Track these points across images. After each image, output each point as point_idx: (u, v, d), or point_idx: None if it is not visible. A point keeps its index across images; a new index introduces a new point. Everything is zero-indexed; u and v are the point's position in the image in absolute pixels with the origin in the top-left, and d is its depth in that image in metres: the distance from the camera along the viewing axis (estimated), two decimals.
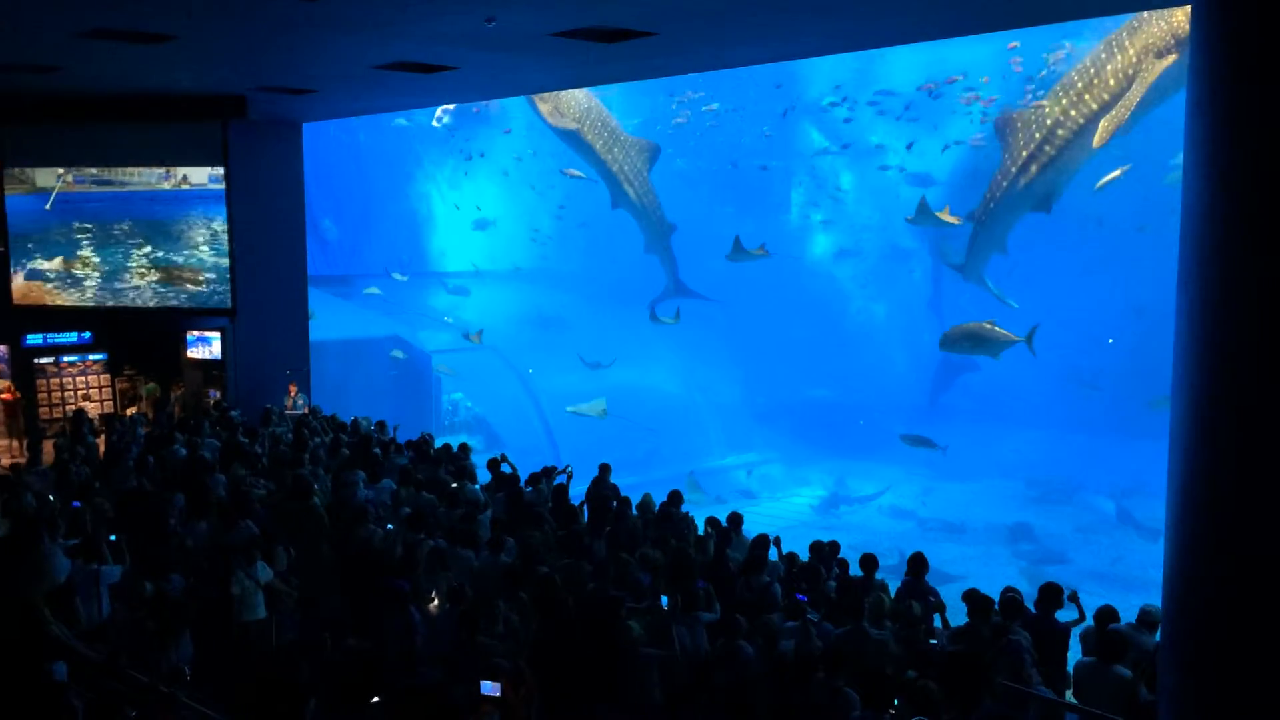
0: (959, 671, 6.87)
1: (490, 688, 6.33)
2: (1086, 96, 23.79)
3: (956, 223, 27.15)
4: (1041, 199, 25.20)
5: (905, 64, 31.91)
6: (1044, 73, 28.44)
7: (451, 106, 34.99)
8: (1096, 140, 22.88)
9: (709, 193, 36.48)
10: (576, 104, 30.64)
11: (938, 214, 26.24)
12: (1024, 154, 24.96)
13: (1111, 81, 23.15)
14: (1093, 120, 23.50)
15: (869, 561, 9.44)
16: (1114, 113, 22.52)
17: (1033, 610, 8.30)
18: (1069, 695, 7.76)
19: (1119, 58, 23.00)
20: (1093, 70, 23.77)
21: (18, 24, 10.89)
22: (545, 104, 31.43)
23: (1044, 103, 24.95)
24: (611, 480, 12.50)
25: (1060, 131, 24.28)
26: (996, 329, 23.81)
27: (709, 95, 35.24)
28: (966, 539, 27.47)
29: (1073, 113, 24.00)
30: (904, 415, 32.95)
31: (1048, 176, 24.81)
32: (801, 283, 36.96)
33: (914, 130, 33.65)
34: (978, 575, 22.66)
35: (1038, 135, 24.64)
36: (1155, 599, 7.11)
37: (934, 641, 7.76)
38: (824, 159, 37.45)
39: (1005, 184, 25.52)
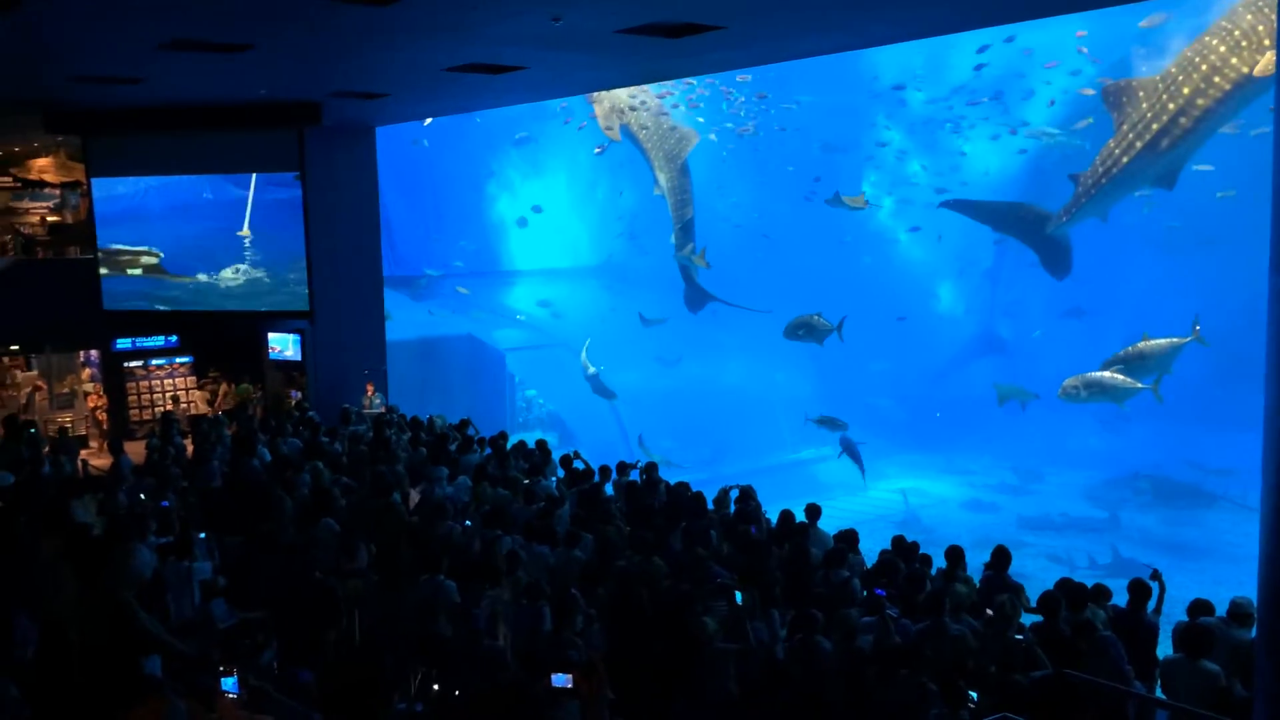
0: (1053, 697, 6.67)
1: (562, 680, 6.38)
2: (1234, 60, 21.77)
3: (864, 206, 30.06)
4: (1166, 174, 23.74)
5: (973, 48, 31.43)
6: None
7: None
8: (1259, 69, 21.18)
9: (778, 185, 36.29)
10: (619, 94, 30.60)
11: (847, 199, 29.32)
12: (1154, 126, 23.17)
13: (1267, 41, 21.16)
14: (1241, 85, 21.69)
15: (954, 554, 9.29)
16: None
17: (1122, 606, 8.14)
18: (1157, 692, 7.59)
19: (1269, 10, 21.07)
20: (1237, 31, 21.73)
21: (106, 37, 11.24)
22: (600, 105, 31.64)
23: (1172, 69, 23.18)
24: (682, 478, 12.48)
25: (1200, 101, 22.41)
26: (820, 319, 27.37)
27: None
28: (1048, 531, 27.01)
29: (1216, 79, 22.05)
30: (978, 406, 32.49)
31: (1180, 150, 23.18)
32: (873, 273, 36.64)
33: (982, 117, 33.29)
34: (1061, 568, 22.29)
35: (1171, 106, 22.84)
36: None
37: (1019, 637, 7.63)
38: (891, 147, 37.08)
39: (1124, 158, 23.92)
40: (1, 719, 5.68)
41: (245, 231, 18.22)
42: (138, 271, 18.73)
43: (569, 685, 6.42)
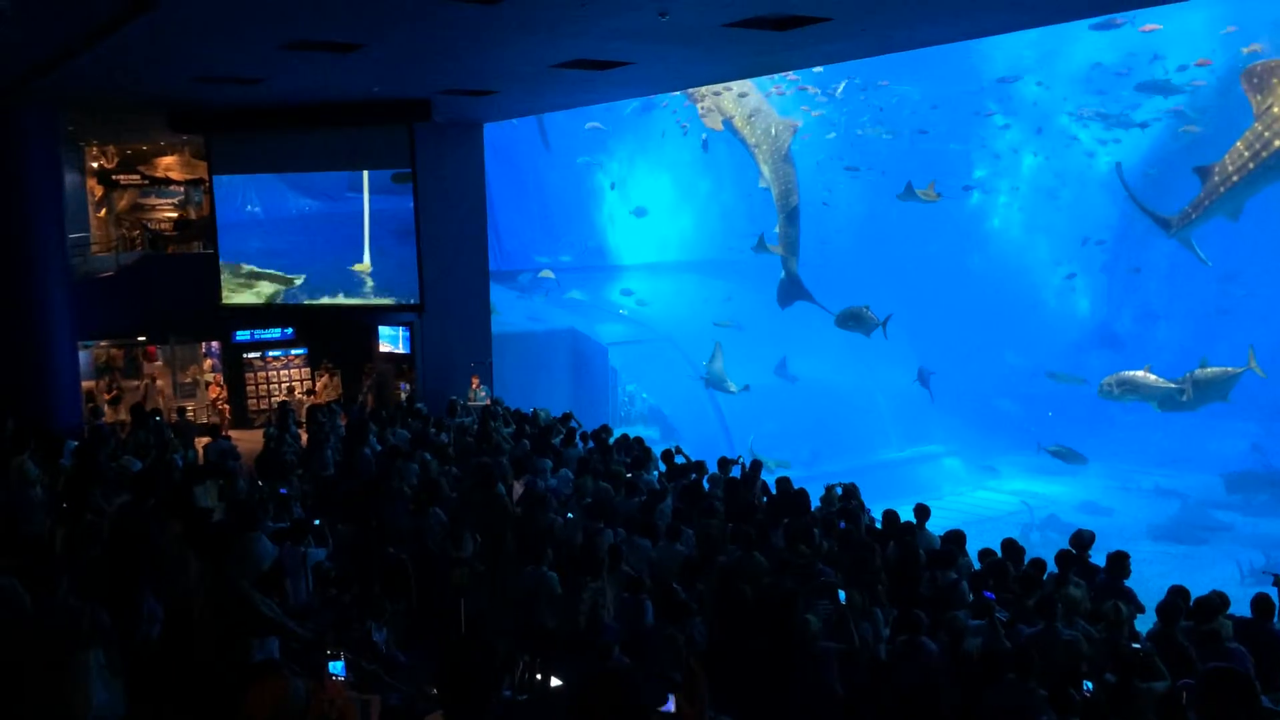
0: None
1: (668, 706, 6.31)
2: None
3: (936, 199, 29.95)
4: None
5: (1093, 41, 30.47)
6: None
7: None
8: None
9: (883, 179, 35.75)
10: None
11: (920, 192, 29.59)
12: None
13: None
14: None
15: (1067, 557, 9.02)
16: None
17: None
18: None
19: None
20: None
21: (227, 40, 11.65)
22: (702, 101, 31.48)
23: None
24: (785, 474, 12.41)
25: None
26: (868, 312, 27.89)
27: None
28: (1167, 540, 26.03)
29: None
30: (1089, 404, 31.52)
31: None
32: (983, 270, 35.86)
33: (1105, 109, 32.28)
34: (1176, 576, 21.42)
35: None
36: None
37: (1136, 645, 7.37)
38: (1005, 140, 36.23)
39: (1276, 141, 22.35)
40: (94, 641, 6.01)
41: (365, 265, 18.55)
42: (262, 298, 19.18)
43: (672, 710, 6.35)
